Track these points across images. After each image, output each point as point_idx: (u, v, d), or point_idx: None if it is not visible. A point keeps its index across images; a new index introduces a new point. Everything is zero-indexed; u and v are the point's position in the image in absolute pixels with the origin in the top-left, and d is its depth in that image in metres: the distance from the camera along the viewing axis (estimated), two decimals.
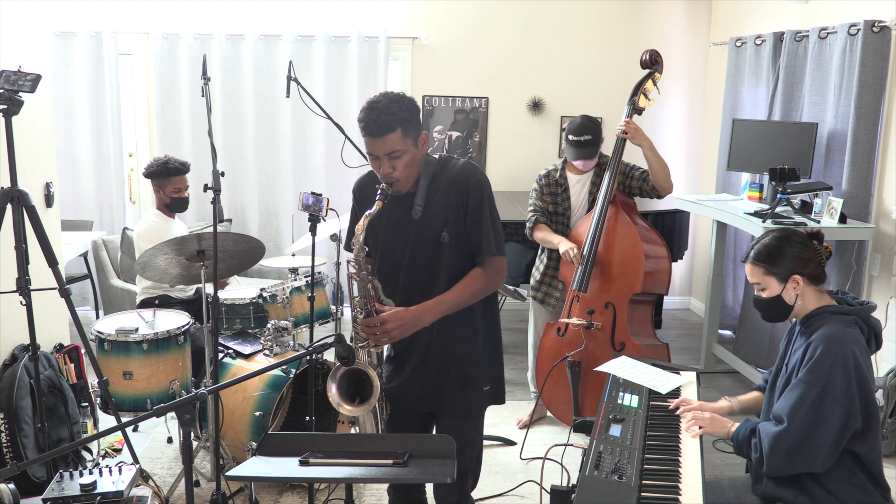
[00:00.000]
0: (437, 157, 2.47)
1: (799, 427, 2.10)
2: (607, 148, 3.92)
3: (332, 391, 2.31)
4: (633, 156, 3.89)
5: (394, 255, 2.45)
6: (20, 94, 2.73)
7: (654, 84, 3.87)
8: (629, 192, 3.87)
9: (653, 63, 3.86)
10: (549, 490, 2.16)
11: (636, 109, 3.85)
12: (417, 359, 2.49)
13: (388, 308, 2.35)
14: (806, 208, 4.21)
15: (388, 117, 2.24)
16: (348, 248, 2.47)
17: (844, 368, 2.10)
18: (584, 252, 3.74)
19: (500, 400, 2.63)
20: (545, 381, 3.84)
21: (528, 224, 3.96)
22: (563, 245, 3.76)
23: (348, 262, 2.35)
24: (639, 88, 3.86)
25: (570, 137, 3.80)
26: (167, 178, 3.97)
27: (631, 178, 3.84)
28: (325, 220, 3.31)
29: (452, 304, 2.38)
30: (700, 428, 2.30)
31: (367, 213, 2.30)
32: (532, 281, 4.09)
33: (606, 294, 3.77)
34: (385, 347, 2.57)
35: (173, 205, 4.03)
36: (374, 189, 2.33)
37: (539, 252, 4.13)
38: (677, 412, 2.41)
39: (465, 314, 2.45)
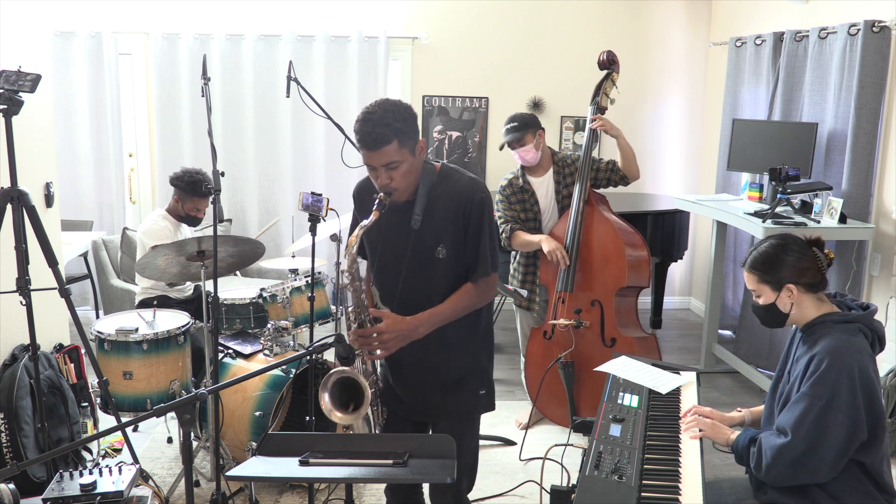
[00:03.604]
0: (437, 164, 2.45)
1: (803, 440, 2.08)
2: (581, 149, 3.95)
3: (325, 400, 2.30)
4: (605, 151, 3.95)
5: (392, 263, 2.45)
6: (20, 94, 2.73)
7: (614, 83, 3.98)
8: (596, 184, 3.94)
9: (610, 63, 3.96)
10: (549, 490, 2.16)
11: (599, 109, 3.95)
12: (412, 362, 2.49)
13: (384, 313, 2.35)
14: (806, 208, 4.20)
15: (383, 129, 2.21)
16: None
17: (850, 381, 2.08)
18: (566, 252, 3.77)
19: (492, 406, 2.63)
20: (539, 389, 3.85)
21: (503, 236, 3.92)
22: (547, 244, 3.77)
23: (342, 272, 2.34)
24: (599, 89, 3.96)
25: (502, 133, 3.92)
26: (192, 195, 3.98)
27: (597, 170, 3.92)
28: (325, 220, 3.30)
29: (445, 318, 2.40)
30: (700, 431, 2.30)
31: (363, 223, 2.29)
32: (511, 287, 4.09)
33: (591, 292, 3.80)
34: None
35: (187, 220, 4.07)
36: (373, 196, 2.32)
37: (513, 257, 4.14)
38: (683, 417, 2.40)
39: (464, 318, 2.45)
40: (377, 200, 2.28)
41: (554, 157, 3.95)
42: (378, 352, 2.33)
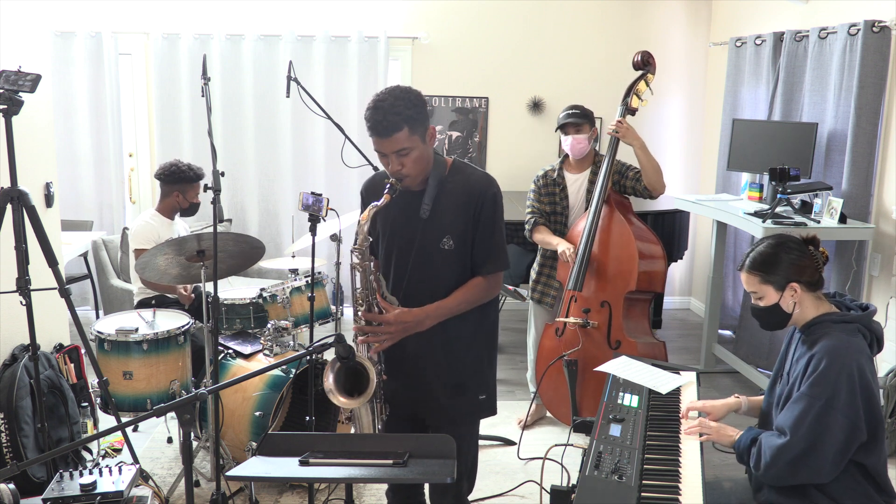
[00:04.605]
0: (448, 158, 2.47)
1: (802, 440, 2.08)
2: (603, 147, 3.93)
3: (329, 381, 2.30)
4: (629, 156, 3.91)
5: (400, 253, 2.46)
6: (20, 94, 2.73)
7: (647, 85, 3.91)
8: (623, 191, 3.91)
9: (645, 64, 3.91)
10: (549, 490, 2.16)
11: (629, 110, 3.88)
12: (413, 364, 2.49)
13: (392, 307, 2.36)
14: (806, 208, 4.21)
15: (393, 116, 2.23)
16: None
17: (849, 381, 2.08)
18: (579, 251, 3.76)
19: (493, 411, 2.63)
20: (541, 379, 3.86)
21: (526, 227, 3.99)
22: (562, 246, 3.78)
23: (352, 251, 2.35)
24: (631, 89, 3.90)
25: (560, 117, 3.88)
26: (192, 183, 4.04)
27: (625, 177, 3.88)
28: (325, 220, 3.30)
29: (451, 311, 2.40)
30: (703, 435, 2.29)
31: (374, 204, 2.31)
32: (530, 281, 4.10)
33: (602, 293, 3.79)
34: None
35: (191, 209, 4.11)
36: (385, 181, 2.34)
37: (539, 252, 4.15)
38: (683, 417, 2.40)
39: (468, 320, 2.46)
40: (388, 185, 2.31)
41: (595, 157, 3.94)
42: (384, 340, 2.35)
